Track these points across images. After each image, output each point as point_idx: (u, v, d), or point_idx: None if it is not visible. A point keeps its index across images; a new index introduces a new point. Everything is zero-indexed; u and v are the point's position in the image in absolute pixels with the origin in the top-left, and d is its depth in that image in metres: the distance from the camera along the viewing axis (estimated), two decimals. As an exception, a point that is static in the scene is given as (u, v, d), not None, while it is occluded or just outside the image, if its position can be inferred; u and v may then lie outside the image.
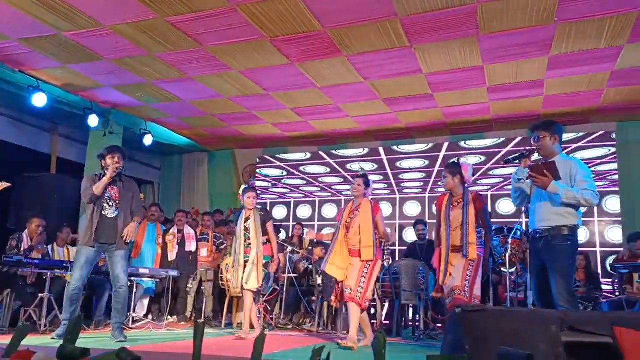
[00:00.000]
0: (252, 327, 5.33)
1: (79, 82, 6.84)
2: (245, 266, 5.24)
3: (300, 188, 9.76)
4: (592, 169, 7.58)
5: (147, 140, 8.38)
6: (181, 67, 6.30)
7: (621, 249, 6.82)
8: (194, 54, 5.89)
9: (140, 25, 5.29)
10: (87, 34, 5.47)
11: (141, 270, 6.05)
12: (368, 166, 9.00)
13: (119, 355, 1.62)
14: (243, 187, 5.69)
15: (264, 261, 5.31)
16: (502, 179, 8.18)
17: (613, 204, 7.49)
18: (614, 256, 6.98)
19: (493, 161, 8.19)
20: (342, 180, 9.44)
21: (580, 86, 6.56)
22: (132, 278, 5.89)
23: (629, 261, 5.71)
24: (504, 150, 8.07)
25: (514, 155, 3.95)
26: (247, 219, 5.38)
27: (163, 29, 5.33)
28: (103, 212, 4.75)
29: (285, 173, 9.81)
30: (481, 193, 5.21)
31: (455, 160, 4.82)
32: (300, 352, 4.26)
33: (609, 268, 7.05)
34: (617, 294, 6.28)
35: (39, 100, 6.57)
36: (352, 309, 4.65)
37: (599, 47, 5.49)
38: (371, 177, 5.14)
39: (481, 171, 8.35)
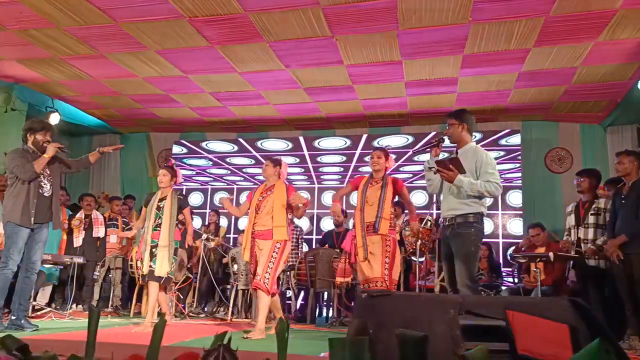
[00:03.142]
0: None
1: (-25, 53, 6.29)
2: (152, 250, 4.91)
3: (207, 171, 9.48)
4: (504, 160, 8.01)
5: (54, 119, 7.84)
6: (93, 43, 5.95)
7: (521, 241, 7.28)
8: (107, 29, 5.57)
9: (48, -5, 4.93)
10: (-13, 1, 5.03)
11: (43, 256, 5.67)
12: (282, 145, 8.86)
13: (3, 342, 1.53)
14: None
15: (175, 247, 4.99)
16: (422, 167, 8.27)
17: (516, 197, 7.98)
18: (515, 247, 7.44)
19: (419, 145, 7.94)
20: (253, 162, 9.19)
21: (491, 85, 6.90)
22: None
23: (527, 251, 6.11)
24: (431, 134, 8.17)
25: (426, 145, 4.06)
26: (162, 199, 5.06)
27: (72, 1, 5.00)
28: (40, 191, 4.56)
29: (186, 151, 9.38)
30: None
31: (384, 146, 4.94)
32: (207, 341, 4.17)
33: (509, 258, 7.52)
34: (516, 282, 6.72)
35: None
36: (260, 297, 4.49)
37: (509, 49, 5.78)
38: (287, 160, 5.10)
39: (405, 156, 8.48)
